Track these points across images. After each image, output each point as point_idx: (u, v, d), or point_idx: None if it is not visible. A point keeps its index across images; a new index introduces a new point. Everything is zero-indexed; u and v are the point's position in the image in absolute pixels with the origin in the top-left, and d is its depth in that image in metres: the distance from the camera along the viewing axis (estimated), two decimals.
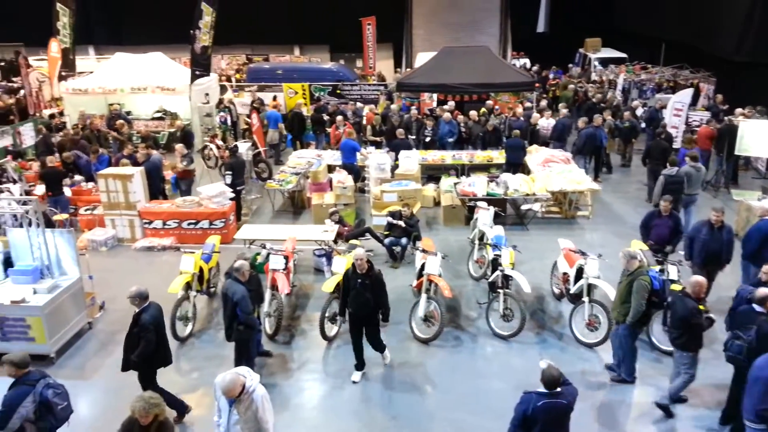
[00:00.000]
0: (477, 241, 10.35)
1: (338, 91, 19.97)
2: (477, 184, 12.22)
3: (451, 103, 16.73)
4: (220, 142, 15.56)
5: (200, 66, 17.07)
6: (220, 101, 18.26)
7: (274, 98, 19.55)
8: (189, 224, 11.64)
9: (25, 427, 5.39)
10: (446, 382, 7.55)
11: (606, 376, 7.57)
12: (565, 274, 8.86)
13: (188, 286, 8.62)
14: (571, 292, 8.51)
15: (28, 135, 16.27)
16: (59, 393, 5.54)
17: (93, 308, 9.01)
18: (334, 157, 14.60)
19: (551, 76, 25.06)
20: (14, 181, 12.59)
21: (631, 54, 25.81)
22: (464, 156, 14.60)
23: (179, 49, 23.29)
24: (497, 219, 10.79)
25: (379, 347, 7.72)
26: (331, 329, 8.42)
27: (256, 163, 14.97)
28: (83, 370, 7.85)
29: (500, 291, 8.40)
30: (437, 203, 13.31)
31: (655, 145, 13.45)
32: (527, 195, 12.11)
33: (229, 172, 12.17)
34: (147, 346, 6.35)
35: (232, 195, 11.99)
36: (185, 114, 17.99)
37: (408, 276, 9.91)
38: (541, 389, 5.01)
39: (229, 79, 24.40)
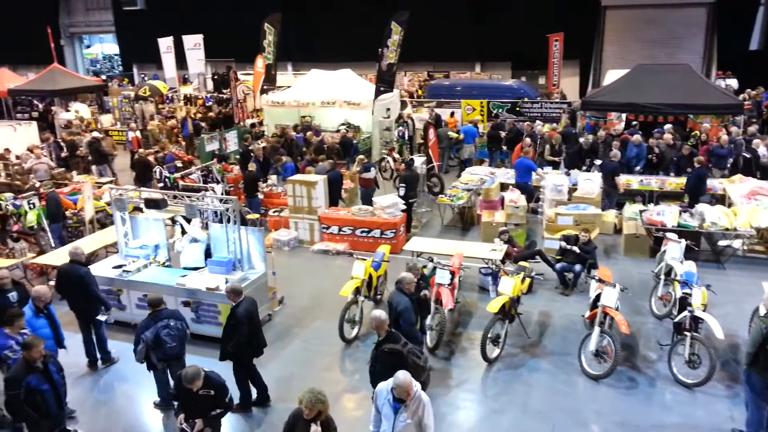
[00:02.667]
0: (663, 276, 9.40)
1: (518, 109, 19.60)
2: (667, 214, 11.15)
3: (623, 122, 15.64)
4: (396, 155, 16.07)
5: (385, 82, 17.80)
6: (400, 116, 18.87)
7: (452, 114, 19.76)
8: (362, 232, 12.13)
9: (150, 354, 6.71)
10: (614, 424, 6.92)
11: None
12: None
13: (357, 291, 8.93)
14: None
15: (232, 141, 18.21)
16: (172, 334, 6.71)
17: (273, 302, 9.73)
18: (507, 175, 14.31)
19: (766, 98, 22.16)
20: (217, 182, 14.15)
21: None
22: (653, 182, 13.44)
23: (366, 66, 24.60)
24: (689, 254, 9.71)
25: None
26: (493, 351, 8.18)
27: (429, 178, 15.19)
28: (260, 358, 8.47)
29: (687, 334, 7.51)
30: (618, 231, 12.39)
31: None
32: (727, 230, 10.76)
33: (403, 185, 12.48)
34: (240, 338, 6.79)
35: (404, 207, 12.27)
36: (367, 127, 18.87)
37: (579, 305, 9.33)
38: None
39: (411, 96, 25.19)
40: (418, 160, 14.40)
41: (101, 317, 8.05)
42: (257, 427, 7.10)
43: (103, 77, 34.42)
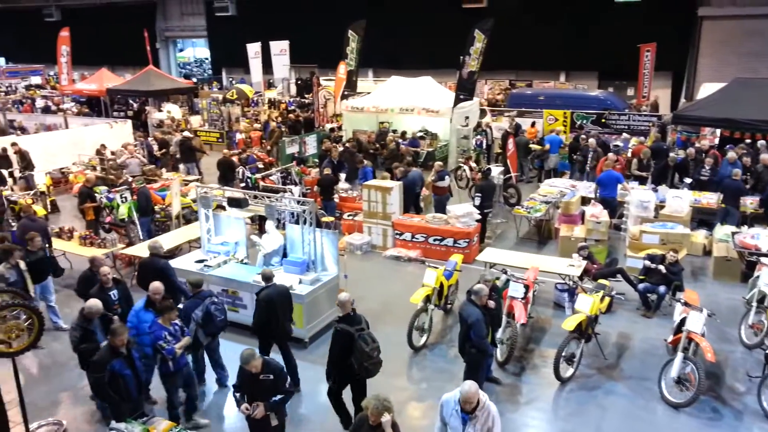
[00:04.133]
0: (755, 303, 8.76)
1: (603, 120, 18.93)
2: (762, 237, 10.40)
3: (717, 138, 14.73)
4: (473, 164, 15.88)
5: (465, 90, 17.67)
6: (478, 124, 18.66)
7: (533, 124, 19.35)
8: (435, 240, 12.05)
9: (198, 332, 7.16)
10: None
11: None
12: None
13: (428, 299, 8.86)
14: None
15: (311, 145, 18.62)
16: (219, 308, 7.37)
17: None
18: (589, 188, 13.83)
19: None
20: (295, 184, 14.48)
21: None
22: (748, 202, 12.59)
23: (447, 74, 24.54)
24: None
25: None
26: (567, 370, 7.89)
27: (506, 188, 14.90)
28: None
29: None
30: (707, 252, 11.68)
31: None
32: None
33: (479, 194, 12.31)
34: (258, 318, 7.42)
35: (479, 217, 12.09)
36: (444, 135, 18.79)
37: (662, 329, 8.85)
38: None
39: (495, 104, 24.89)
40: (496, 170, 14.16)
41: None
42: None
43: (194, 80, 36.11)
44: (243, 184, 14.26)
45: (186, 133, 18.98)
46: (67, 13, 38.88)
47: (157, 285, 7.07)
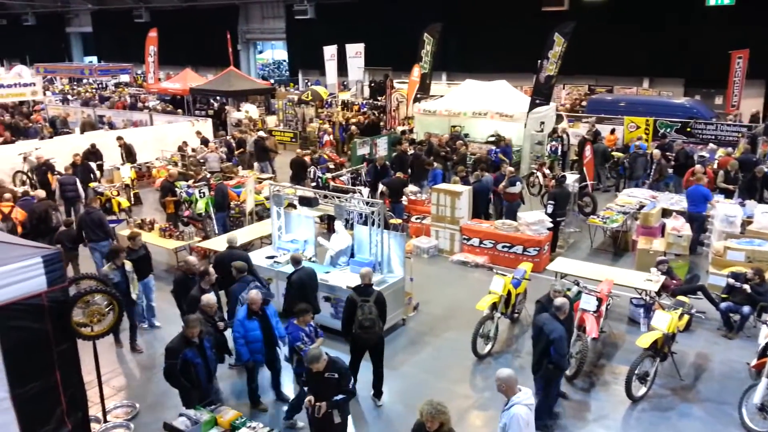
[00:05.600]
0: None
1: (688, 129, 18.01)
2: None
3: None
4: (547, 171, 15.49)
5: (541, 95, 17.27)
6: (554, 130, 18.19)
7: (612, 131, 18.67)
8: (504, 247, 11.82)
9: None
10: None
11: None
12: None
13: (494, 307, 8.70)
14: None
15: (382, 147, 18.70)
16: (263, 291, 7.65)
17: (408, 307, 9.79)
18: (671, 200, 13.17)
19: None
20: (365, 185, 14.58)
21: None
22: None
23: (523, 78, 24.05)
24: None
25: None
26: (639, 389, 7.54)
27: (581, 197, 14.42)
28: (393, 361, 8.55)
29: None
30: None
31: None
32: None
33: (552, 202, 11.98)
34: (290, 298, 7.86)
35: (551, 225, 11.77)
36: (517, 140, 18.40)
37: (744, 352, 8.34)
38: None
39: (573, 109, 24.21)
40: (571, 178, 13.76)
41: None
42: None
43: (272, 81, 37.13)
44: (314, 184, 14.50)
45: (261, 133, 19.53)
46: (156, 14, 40.89)
47: (254, 295, 7.06)
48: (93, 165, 15.57)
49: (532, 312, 9.50)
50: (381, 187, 13.52)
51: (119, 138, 17.34)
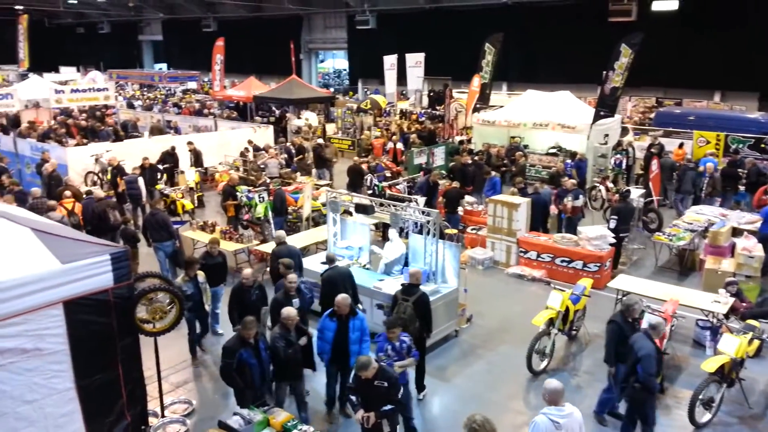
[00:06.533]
0: None
1: (763, 146, 17.12)
2: None
3: None
4: (610, 185, 15.04)
5: (606, 106, 16.81)
6: (619, 143, 17.65)
7: (681, 146, 17.96)
8: (562, 261, 11.52)
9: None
10: None
11: None
12: None
13: (551, 323, 8.48)
14: None
15: (439, 156, 18.64)
16: (307, 287, 8.29)
17: (462, 318, 9.67)
18: (742, 219, 12.53)
19: None
20: (421, 194, 14.51)
21: None
22: None
23: (587, 89, 23.53)
24: None
25: None
26: (703, 415, 7.18)
27: (646, 212, 13.91)
28: (444, 372, 8.46)
29: None
30: None
31: None
32: None
33: (615, 217, 11.60)
34: (323, 295, 8.11)
35: (613, 241, 11.39)
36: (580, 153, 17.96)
37: None
38: None
39: (641, 122, 23.50)
40: (635, 192, 13.30)
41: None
42: None
43: (332, 90, 37.69)
44: (370, 192, 14.57)
45: (320, 141, 19.80)
46: (223, 24, 42.24)
47: (341, 299, 6.96)
48: (161, 167, 16.18)
49: (592, 330, 9.30)
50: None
51: (189, 143, 17.97)
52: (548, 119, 18.18)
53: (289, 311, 6.81)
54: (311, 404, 7.37)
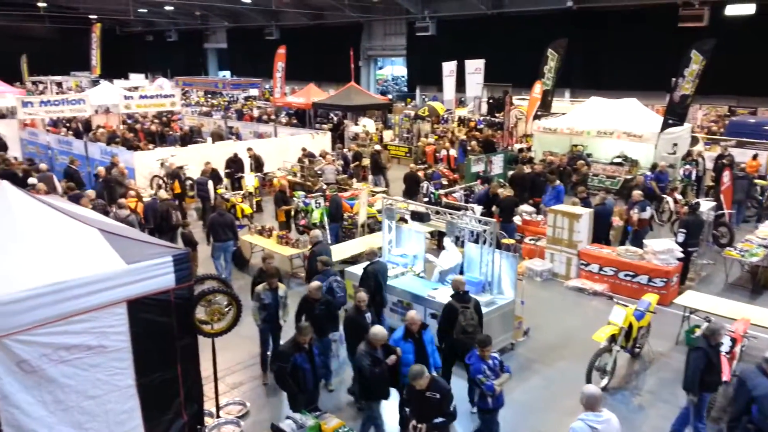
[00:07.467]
0: None
1: None
2: None
3: None
4: (678, 196, 14.41)
5: (675, 115, 16.16)
6: (689, 153, 16.92)
7: (755, 157, 17.06)
8: (626, 275, 11.08)
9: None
10: None
11: None
12: None
13: (613, 339, 8.14)
14: None
15: (497, 164, 18.33)
16: (340, 286, 8.36)
17: (518, 331, 9.42)
18: None
19: None
20: (478, 202, 14.30)
21: None
22: None
23: (654, 96, 22.73)
24: None
25: None
26: None
27: (717, 226, 13.24)
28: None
29: None
30: None
31: None
32: None
33: (683, 230, 11.08)
34: (368, 288, 8.10)
35: (681, 255, 10.87)
36: (646, 162, 17.32)
37: None
38: None
39: (711, 131, 22.50)
40: (705, 205, 12.67)
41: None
42: None
43: (390, 96, 37.82)
44: (426, 199, 14.46)
45: (377, 147, 19.86)
46: (285, 32, 43.17)
47: (412, 315, 6.93)
48: (221, 172, 16.62)
49: (656, 348, 8.89)
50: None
51: (249, 149, 18.39)
52: (613, 127, 17.61)
53: (379, 331, 6.50)
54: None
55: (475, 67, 27.43)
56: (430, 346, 6.88)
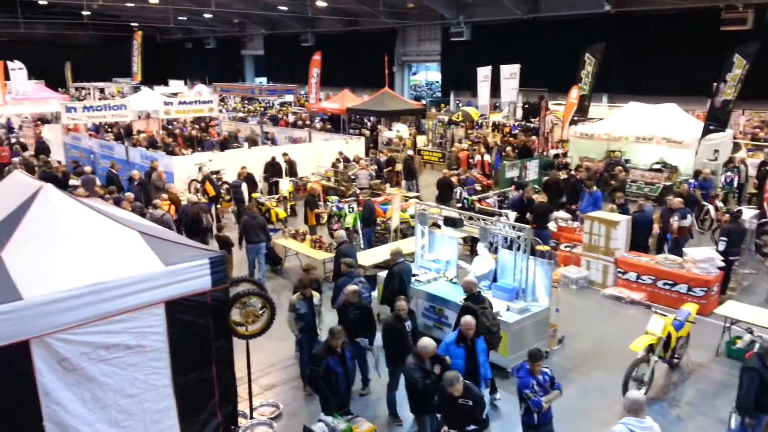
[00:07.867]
0: None
1: None
2: None
3: None
4: (720, 204, 14.02)
5: (716, 120, 15.75)
6: (730, 160, 16.46)
7: None
8: (665, 284, 10.81)
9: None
10: None
11: None
12: None
13: (651, 349, 7.95)
14: None
15: (532, 170, 18.15)
16: (365, 287, 8.39)
17: (552, 339, 9.28)
18: None
19: None
20: (511, 208, 14.15)
21: None
22: None
23: (695, 101, 22.18)
24: None
25: None
26: None
27: (760, 235, 12.84)
28: None
29: None
30: None
31: None
32: None
33: (725, 239, 10.76)
34: (391, 288, 8.47)
35: (722, 264, 10.57)
36: (686, 169, 16.92)
37: None
38: None
39: (756, 138, 21.85)
40: (748, 213, 12.30)
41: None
42: None
43: (423, 102, 37.81)
44: (459, 205, 14.39)
45: (410, 152, 19.87)
46: (320, 38, 43.61)
47: (468, 320, 6.75)
48: (256, 177, 16.86)
49: (696, 359, 8.65)
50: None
51: (284, 154, 18.62)
52: (652, 133, 17.25)
53: (429, 343, 6.35)
54: None
55: (511, 72, 27.22)
56: (482, 355, 6.69)
